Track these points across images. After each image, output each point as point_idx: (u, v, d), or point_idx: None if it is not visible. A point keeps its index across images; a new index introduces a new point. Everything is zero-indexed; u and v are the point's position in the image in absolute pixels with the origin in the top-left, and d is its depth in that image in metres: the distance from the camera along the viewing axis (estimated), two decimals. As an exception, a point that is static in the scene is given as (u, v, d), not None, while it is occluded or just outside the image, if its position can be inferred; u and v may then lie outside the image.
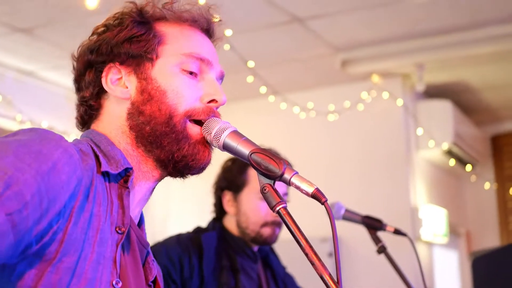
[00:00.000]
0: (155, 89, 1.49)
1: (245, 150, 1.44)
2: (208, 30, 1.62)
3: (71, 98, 6.21)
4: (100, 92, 1.54)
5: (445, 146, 6.68)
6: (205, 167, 1.53)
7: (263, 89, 5.86)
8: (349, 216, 2.77)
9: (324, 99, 6.62)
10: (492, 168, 8.22)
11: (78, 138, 1.55)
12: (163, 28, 1.56)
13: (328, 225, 1.39)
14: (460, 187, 8.23)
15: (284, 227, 2.84)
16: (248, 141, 1.46)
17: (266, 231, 2.86)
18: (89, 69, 1.54)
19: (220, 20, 1.65)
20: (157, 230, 6.38)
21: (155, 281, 1.55)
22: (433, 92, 6.90)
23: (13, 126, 5.75)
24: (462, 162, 7.32)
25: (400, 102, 6.46)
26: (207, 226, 2.96)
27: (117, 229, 1.38)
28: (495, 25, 5.56)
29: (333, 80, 6.62)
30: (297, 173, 1.38)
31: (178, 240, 2.79)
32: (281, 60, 6.17)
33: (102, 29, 1.57)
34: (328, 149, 6.72)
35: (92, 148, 1.45)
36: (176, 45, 1.54)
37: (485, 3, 5.18)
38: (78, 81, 1.58)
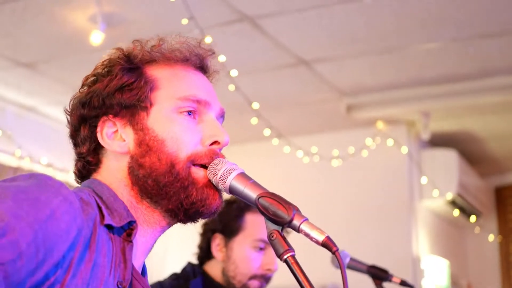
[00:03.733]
0: (152, 139, 1.42)
1: (252, 193, 1.37)
2: (202, 67, 1.56)
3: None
4: (98, 148, 1.48)
5: (449, 196, 6.60)
6: (217, 211, 1.47)
7: (267, 132, 5.80)
8: (354, 265, 2.70)
9: (328, 144, 6.56)
10: (496, 220, 8.14)
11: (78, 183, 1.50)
12: (154, 72, 1.49)
13: (325, 272, 1.32)
14: (463, 238, 8.13)
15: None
16: (256, 184, 1.40)
17: (253, 284, 2.69)
18: (83, 124, 1.49)
19: (213, 53, 1.58)
20: (155, 268, 6.25)
21: None
22: (438, 141, 6.84)
23: (12, 162, 5.68)
24: (465, 213, 7.22)
25: (404, 149, 6.39)
26: (185, 272, 2.74)
27: (118, 284, 1.33)
28: (502, 75, 5.53)
29: (337, 125, 6.58)
30: (306, 219, 1.32)
31: None
32: (286, 103, 6.13)
33: (92, 79, 1.51)
34: (330, 195, 6.65)
35: (94, 198, 1.38)
36: (170, 89, 1.47)
37: (493, 52, 5.15)
38: (74, 136, 1.53)
